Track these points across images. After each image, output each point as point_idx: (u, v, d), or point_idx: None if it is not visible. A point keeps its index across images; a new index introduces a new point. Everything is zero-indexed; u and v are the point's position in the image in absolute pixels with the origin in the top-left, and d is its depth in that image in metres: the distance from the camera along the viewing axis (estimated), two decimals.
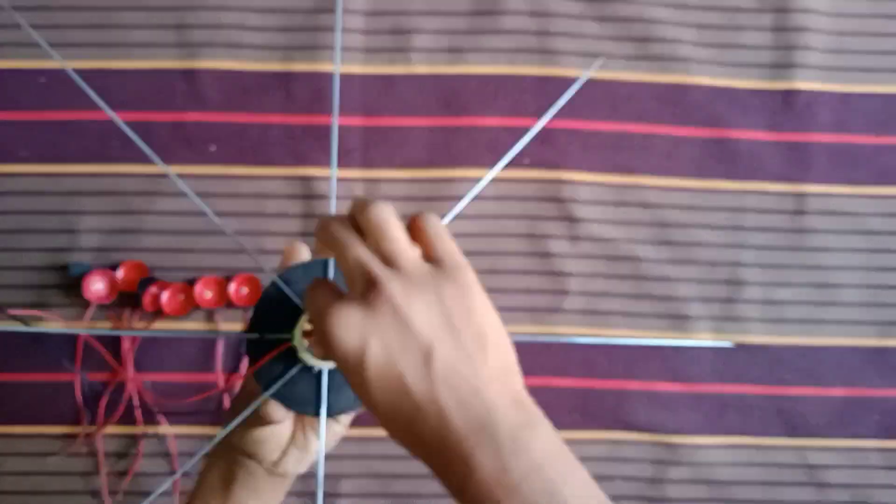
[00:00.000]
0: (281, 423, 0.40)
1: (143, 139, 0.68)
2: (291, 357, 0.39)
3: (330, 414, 0.40)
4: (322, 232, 0.34)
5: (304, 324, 0.39)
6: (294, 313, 0.40)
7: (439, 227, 0.34)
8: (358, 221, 0.34)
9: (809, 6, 0.71)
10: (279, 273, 0.40)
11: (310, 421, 0.44)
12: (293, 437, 0.44)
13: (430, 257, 0.33)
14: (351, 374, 0.31)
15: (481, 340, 0.32)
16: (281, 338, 0.39)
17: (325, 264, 0.40)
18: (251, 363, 0.39)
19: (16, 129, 0.68)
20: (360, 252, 0.32)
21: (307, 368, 0.39)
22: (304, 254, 0.41)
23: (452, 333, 0.31)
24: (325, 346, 0.31)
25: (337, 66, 0.54)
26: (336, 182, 0.68)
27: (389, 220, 0.33)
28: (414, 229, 0.34)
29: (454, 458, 0.30)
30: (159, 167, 0.68)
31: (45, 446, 0.66)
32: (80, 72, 0.68)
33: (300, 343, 0.39)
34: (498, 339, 0.32)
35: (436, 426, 0.30)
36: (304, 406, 0.40)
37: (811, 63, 0.71)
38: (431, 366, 0.30)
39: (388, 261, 0.32)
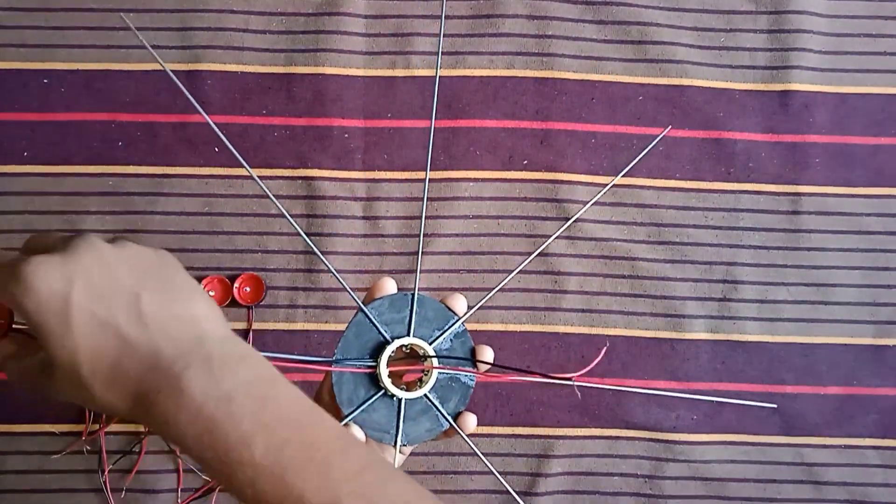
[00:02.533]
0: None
1: (146, 140, 0.69)
2: (374, 384, 0.42)
3: (404, 443, 0.42)
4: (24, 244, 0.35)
5: (389, 354, 0.42)
6: (379, 342, 0.42)
7: None
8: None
9: (806, 8, 0.71)
10: (366, 303, 0.42)
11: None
12: None
13: None
14: (51, 317, 0.30)
15: (189, 291, 0.33)
16: (366, 364, 0.42)
17: (411, 298, 0.42)
18: (335, 389, 0.41)
19: (19, 129, 0.68)
20: (59, 235, 0.34)
21: (387, 397, 0.42)
22: (390, 288, 0.43)
23: (159, 282, 0.32)
24: (17, 297, 0.30)
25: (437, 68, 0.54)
26: (338, 183, 0.69)
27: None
28: None
29: (164, 382, 0.30)
30: (170, 168, 0.68)
31: (47, 444, 0.66)
32: (83, 73, 0.69)
33: (384, 371, 0.41)
34: (202, 293, 0.34)
35: (145, 356, 0.31)
36: (381, 433, 0.42)
37: (808, 64, 0.71)
38: (141, 306, 0.31)
39: None
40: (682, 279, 0.70)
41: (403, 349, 0.43)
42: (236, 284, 0.66)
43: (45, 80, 0.69)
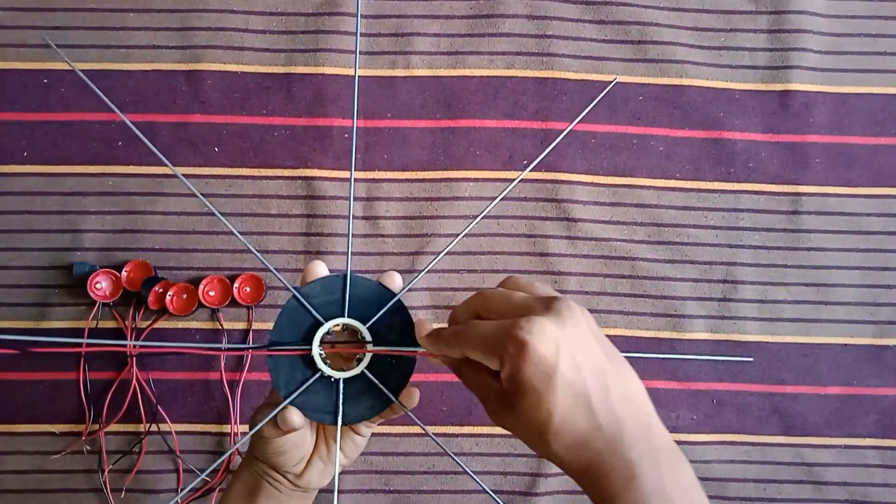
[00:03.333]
0: (299, 429, 0.42)
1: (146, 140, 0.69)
2: (310, 367, 0.41)
3: (345, 422, 0.41)
4: (480, 299, 0.39)
5: (321, 335, 0.41)
6: (312, 325, 0.42)
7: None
8: (509, 288, 0.40)
9: (806, 8, 0.72)
10: (299, 288, 0.42)
11: (333, 435, 0.45)
12: (316, 450, 0.45)
13: None
14: (539, 376, 0.34)
15: (630, 371, 0.37)
16: (300, 348, 0.41)
17: (343, 280, 0.42)
18: (272, 374, 0.41)
19: (19, 129, 0.68)
20: (525, 295, 0.38)
21: (325, 379, 0.41)
22: (322, 270, 0.43)
23: (613, 358, 0.36)
24: (514, 356, 0.34)
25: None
26: (338, 183, 0.69)
27: (535, 281, 0.40)
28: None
29: (619, 464, 0.34)
30: (169, 169, 0.68)
31: (47, 444, 0.66)
32: (84, 73, 0.69)
33: (318, 353, 0.41)
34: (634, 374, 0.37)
35: (610, 434, 0.35)
36: (321, 414, 0.41)
37: (808, 64, 0.71)
38: (608, 384, 0.35)
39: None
40: (682, 279, 0.70)
41: (342, 330, 0.43)
42: (236, 284, 0.66)
43: (45, 80, 0.69)
